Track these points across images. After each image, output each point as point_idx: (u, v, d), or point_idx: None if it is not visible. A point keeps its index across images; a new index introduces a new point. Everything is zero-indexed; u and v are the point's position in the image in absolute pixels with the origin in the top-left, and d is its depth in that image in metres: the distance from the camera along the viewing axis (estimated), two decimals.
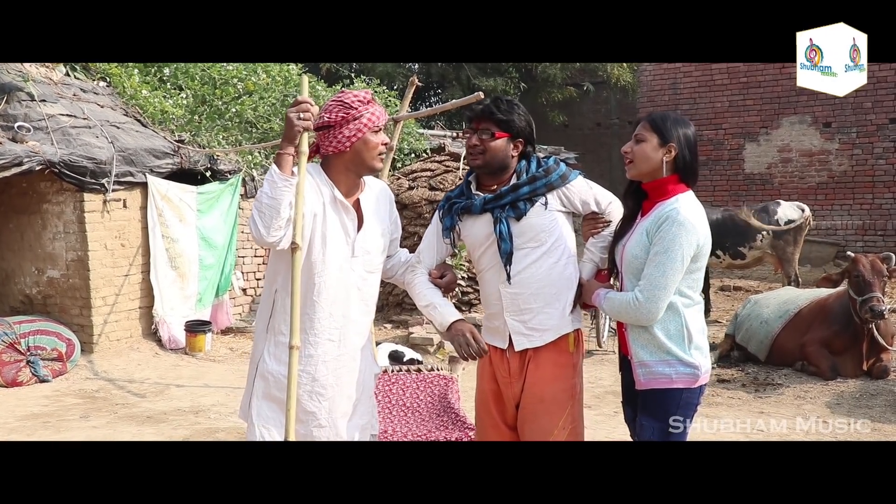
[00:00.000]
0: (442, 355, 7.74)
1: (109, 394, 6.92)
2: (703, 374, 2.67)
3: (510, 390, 2.95)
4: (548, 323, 2.90)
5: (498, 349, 2.97)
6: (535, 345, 2.90)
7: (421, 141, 11.64)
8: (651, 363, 2.66)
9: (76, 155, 7.51)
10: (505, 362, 2.95)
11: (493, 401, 3.00)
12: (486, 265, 2.97)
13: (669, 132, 2.67)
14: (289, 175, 2.54)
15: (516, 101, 2.98)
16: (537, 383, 2.90)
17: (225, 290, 9.21)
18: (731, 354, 7.49)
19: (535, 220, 2.88)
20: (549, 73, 15.62)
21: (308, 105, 2.59)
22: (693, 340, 2.65)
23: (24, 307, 8.19)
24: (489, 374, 3.02)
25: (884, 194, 12.98)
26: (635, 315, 2.64)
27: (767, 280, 11.89)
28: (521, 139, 2.92)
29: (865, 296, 6.40)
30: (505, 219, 2.86)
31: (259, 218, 2.55)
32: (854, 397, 6.15)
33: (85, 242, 7.75)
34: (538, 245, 2.88)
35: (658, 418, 2.66)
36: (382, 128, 2.78)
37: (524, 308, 2.89)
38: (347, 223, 2.75)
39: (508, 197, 2.87)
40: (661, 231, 2.59)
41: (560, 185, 2.90)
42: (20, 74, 7.98)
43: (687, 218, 2.58)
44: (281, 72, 11.31)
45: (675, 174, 2.69)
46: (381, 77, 14.60)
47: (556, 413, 2.89)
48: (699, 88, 14.42)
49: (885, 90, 12.73)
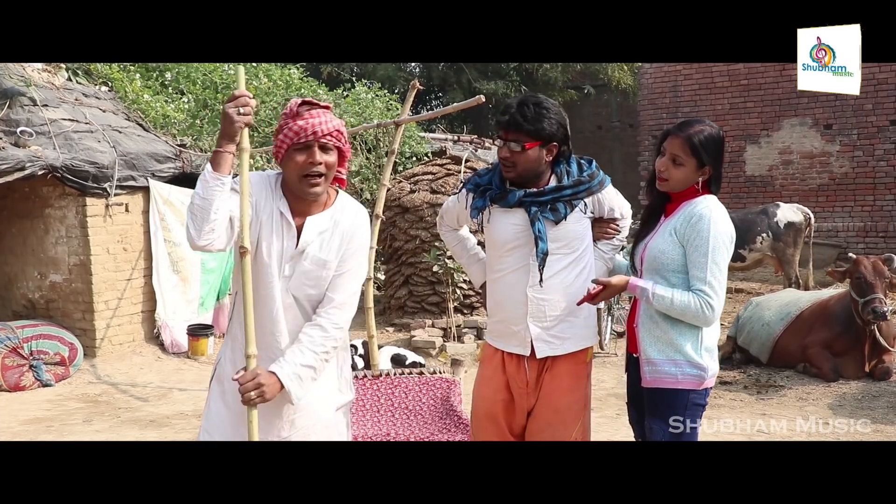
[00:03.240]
0: (444, 358, 7.74)
1: (112, 398, 6.93)
2: (709, 377, 2.66)
3: (525, 401, 2.87)
4: (569, 332, 2.84)
5: (514, 357, 2.88)
6: (556, 353, 2.83)
7: (422, 144, 11.66)
8: (658, 361, 2.65)
9: (78, 159, 7.53)
10: (523, 371, 2.86)
11: (502, 411, 2.90)
12: (511, 266, 2.85)
13: (707, 156, 2.67)
14: (225, 174, 2.37)
15: (546, 102, 2.81)
16: (554, 393, 2.84)
17: (226, 294, 9.21)
18: (733, 356, 7.49)
19: (572, 226, 2.81)
20: (550, 76, 15.64)
21: (247, 99, 2.39)
22: (704, 342, 2.65)
23: (27, 311, 8.20)
24: (501, 384, 2.90)
25: (885, 196, 12.97)
26: (703, 320, 2.61)
27: (769, 282, 11.89)
28: (555, 143, 2.80)
29: (867, 297, 6.40)
30: (542, 218, 2.76)
31: (191, 220, 2.37)
32: (856, 399, 6.15)
33: (87, 247, 7.77)
34: (570, 252, 2.82)
35: (665, 419, 2.65)
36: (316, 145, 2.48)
37: (549, 315, 2.81)
38: (285, 242, 2.53)
39: (549, 196, 2.77)
40: (696, 230, 2.60)
41: (598, 192, 2.86)
42: (22, 79, 8.00)
43: (719, 215, 2.63)
44: (282, 76, 11.34)
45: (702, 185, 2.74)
46: (382, 80, 14.64)
47: (570, 423, 2.85)
48: (700, 91, 14.43)
49: (885, 92, 12.73)
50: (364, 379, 4.15)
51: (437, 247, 8.56)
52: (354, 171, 10.68)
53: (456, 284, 8.66)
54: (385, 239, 9.61)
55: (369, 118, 11.11)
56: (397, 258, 9.62)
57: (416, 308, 9.28)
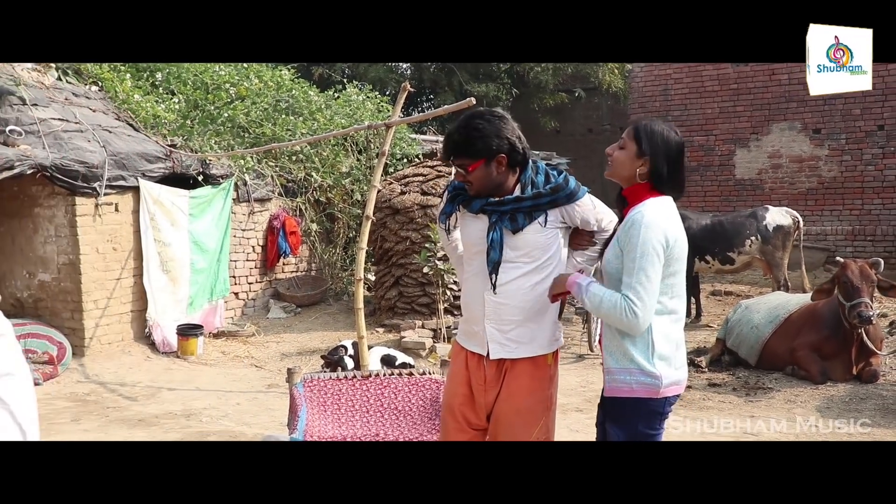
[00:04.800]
0: (434, 359, 7.75)
1: (101, 397, 6.91)
2: (665, 386, 2.60)
3: (484, 398, 2.92)
4: (527, 337, 2.86)
5: (475, 355, 2.94)
6: (511, 356, 2.87)
7: (413, 146, 11.68)
8: (615, 370, 2.63)
9: (68, 159, 7.51)
10: (482, 369, 2.91)
11: (463, 404, 2.96)
12: (475, 269, 2.92)
13: (648, 145, 2.65)
14: None
15: (476, 121, 2.83)
16: (514, 395, 2.87)
17: (221, 294, 9.22)
18: (722, 359, 7.53)
19: (530, 236, 2.82)
20: (541, 78, 15.67)
21: None
22: (657, 350, 2.60)
23: (15, 311, 8.17)
24: (463, 379, 2.97)
25: (873, 200, 13.06)
26: (627, 325, 2.57)
27: (758, 285, 11.95)
28: (502, 154, 2.80)
29: (853, 301, 6.43)
30: (500, 227, 2.81)
31: None
32: (844, 401, 6.19)
33: (76, 246, 7.75)
34: (531, 261, 2.84)
35: (620, 425, 2.64)
36: None
37: (505, 319, 2.85)
38: None
39: (509, 206, 2.81)
40: (629, 236, 2.58)
41: (565, 204, 2.85)
42: (11, 79, 7.97)
43: (652, 220, 2.56)
44: (273, 77, 11.34)
45: (649, 182, 2.67)
46: (373, 82, 14.65)
47: (531, 424, 2.87)
48: (690, 95, 14.49)
49: (873, 97, 12.82)
50: (354, 379, 4.15)
51: (427, 248, 8.57)
52: (345, 172, 10.68)
53: (446, 286, 8.67)
54: (375, 240, 9.62)
55: (360, 119, 11.13)
56: (388, 259, 9.62)
57: (406, 309, 9.29)
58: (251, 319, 9.72)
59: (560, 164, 16.30)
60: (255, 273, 10.01)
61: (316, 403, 4.06)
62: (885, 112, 12.89)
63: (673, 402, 2.67)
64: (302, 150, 10.47)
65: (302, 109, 10.90)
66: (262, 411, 6.38)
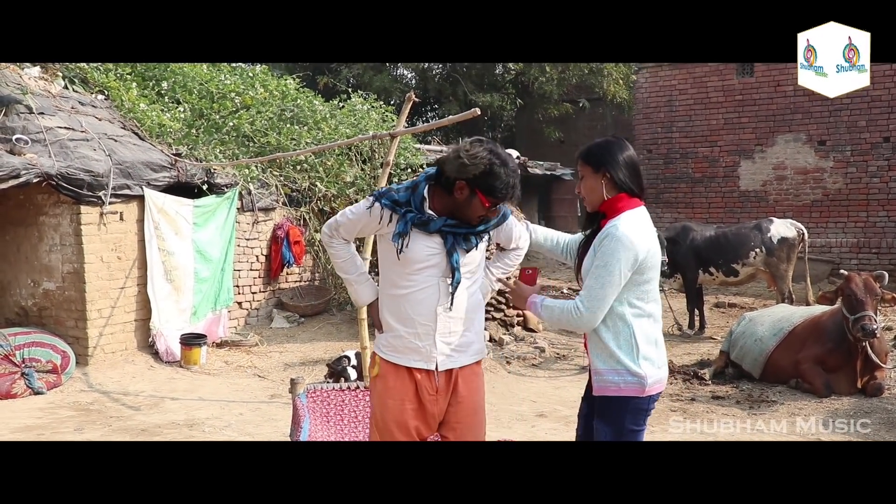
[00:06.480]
0: None
1: (104, 406, 6.90)
2: (650, 384, 2.82)
3: (436, 407, 3.02)
4: (466, 344, 3.03)
5: (420, 369, 2.99)
6: (455, 365, 3.02)
7: (417, 156, 11.68)
8: (603, 371, 2.84)
9: (74, 168, 7.53)
10: (432, 381, 3.00)
11: (414, 417, 3.01)
12: (420, 284, 2.94)
13: (599, 160, 2.86)
14: None
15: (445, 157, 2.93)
16: (468, 396, 3.05)
17: (225, 304, 9.21)
18: (726, 371, 7.51)
19: (476, 254, 3.03)
20: (546, 89, 15.71)
21: None
22: (641, 351, 2.81)
23: (20, 319, 8.18)
24: (408, 394, 2.99)
25: (878, 212, 13.05)
26: (576, 323, 2.81)
27: (762, 297, 11.92)
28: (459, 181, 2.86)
29: (857, 314, 6.41)
30: (458, 249, 2.95)
31: None
32: (848, 415, 6.16)
33: (81, 255, 7.76)
34: (472, 276, 3.03)
35: (609, 423, 2.85)
36: None
37: (453, 331, 2.99)
38: None
39: (464, 228, 2.94)
40: (602, 246, 2.77)
41: (502, 223, 3.07)
42: (19, 87, 8.01)
43: (625, 234, 2.75)
44: (278, 86, 11.37)
45: (620, 192, 2.86)
46: (377, 92, 14.67)
47: (483, 421, 3.13)
48: (695, 106, 14.50)
49: (878, 109, 12.83)
50: (357, 390, 4.15)
51: None
52: (350, 181, 10.69)
53: None
54: None
55: (365, 129, 11.14)
56: None
57: None
58: (254, 329, 9.71)
59: (565, 175, 16.30)
60: (259, 283, 10.00)
61: (319, 414, 4.06)
62: (890, 124, 12.89)
63: (656, 400, 2.91)
64: (306, 160, 10.48)
65: (307, 119, 10.92)
66: (264, 421, 6.37)
